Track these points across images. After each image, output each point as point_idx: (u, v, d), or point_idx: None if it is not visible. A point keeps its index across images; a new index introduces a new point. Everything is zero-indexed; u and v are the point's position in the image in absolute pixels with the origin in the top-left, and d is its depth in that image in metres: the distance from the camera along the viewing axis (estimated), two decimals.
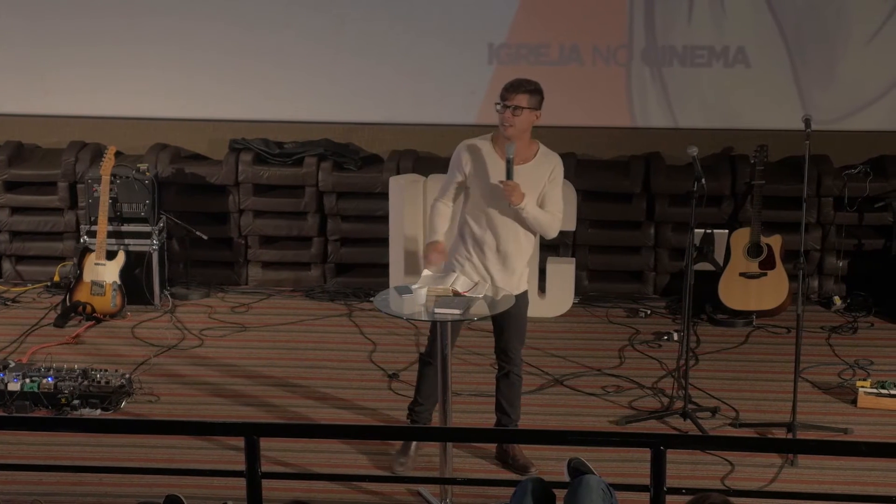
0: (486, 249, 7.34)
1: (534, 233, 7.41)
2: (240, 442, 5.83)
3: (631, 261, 9.90)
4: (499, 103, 7.29)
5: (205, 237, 9.83)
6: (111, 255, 9.52)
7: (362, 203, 9.88)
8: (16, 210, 10.09)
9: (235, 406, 8.26)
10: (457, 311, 6.89)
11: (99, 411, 8.11)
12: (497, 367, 7.59)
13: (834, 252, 9.73)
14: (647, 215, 9.79)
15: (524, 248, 7.42)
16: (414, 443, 7.52)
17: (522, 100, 7.25)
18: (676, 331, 9.08)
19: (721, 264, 9.16)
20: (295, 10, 9.96)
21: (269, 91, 10.08)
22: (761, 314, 9.36)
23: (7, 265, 10.12)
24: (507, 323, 7.42)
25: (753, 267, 9.32)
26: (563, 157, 9.78)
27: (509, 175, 7.21)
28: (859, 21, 9.74)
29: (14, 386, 8.11)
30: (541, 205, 7.33)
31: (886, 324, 9.37)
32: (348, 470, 7.52)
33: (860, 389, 8.24)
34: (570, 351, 8.99)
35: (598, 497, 5.92)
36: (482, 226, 7.34)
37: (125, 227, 9.65)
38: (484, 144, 7.36)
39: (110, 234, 9.54)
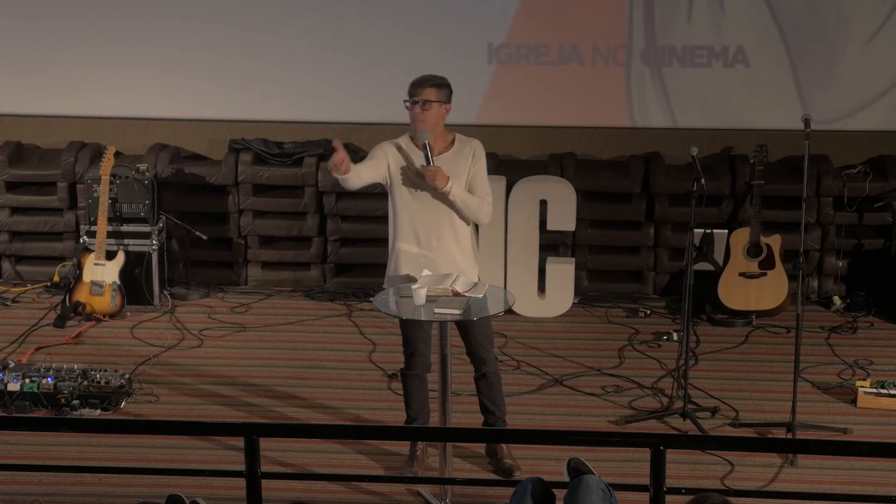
0: (424, 243, 7.30)
1: (466, 221, 7.36)
2: (240, 442, 5.82)
3: (631, 261, 9.90)
4: (407, 100, 7.29)
5: (204, 237, 9.83)
6: (111, 256, 9.52)
7: (362, 203, 9.88)
8: (16, 210, 10.09)
9: (235, 406, 8.27)
10: (456, 311, 6.89)
11: (99, 411, 8.11)
12: (473, 369, 7.53)
13: (833, 252, 9.73)
14: (646, 215, 9.79)
15: (461, 239, 7.37)
16: (419, 451, 7.50)
17: (430, 94, 7.27)
18: (676, 331, 9.08)
19: (721, 264, 9.16)
20: (294, 11, 9.96)
21: (269, 91, 10.09)
22: (761, 314, 9.36)
23: (7, 265, 10.12)
24: (469, 325, 7.34)
25: (753, 267, 9.33)
26: (564, 157, 9.89)
27: (428, 160, 7.20)
28: (859, 21, 9.74)
29: (14, 386, 8.10)
30: (469, 191, 7.30)
31: (886, 324, 9.37)
32: (348, 470, 7.52)
33: (860, 389, 8.24)
34: (570, 351, 8.99)
35: (597, 497, 5.92)
36: (415, 219, 7.29)
37: (125, 228, 9.65)
38: (401, 141, 7.37)
39: (110, 235, 9.54)
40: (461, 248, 7.38)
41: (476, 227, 7.86)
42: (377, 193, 9.74)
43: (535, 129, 10.08)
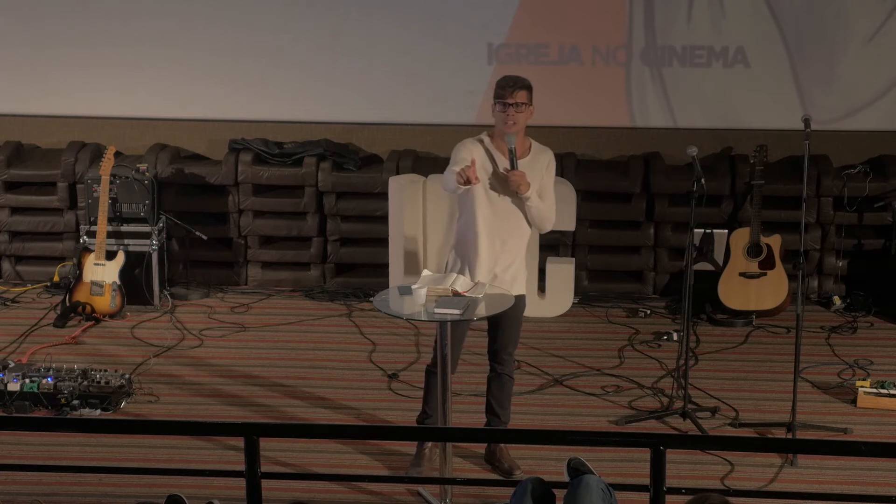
0: (491, 243, 7.30)
1: (530, 227, 7.40)
2: (240, 442, 5.82)
3: (631, 261, 9.90)
4: (497, 102, 7.26)
5: (204, 237, 9.83)
6: (111, 256, 9.52)
7: (362, 203, 9.88)
8: (16, 210, 10.09)
9: (235, 406, 8.27)
10: (457, 311, 6.89)
11: (99, 411, 8.11)
12: (489, 367, 7.55)
13: (833, 252, 9.73)
14: (646, 215, 9.79)
15: (522, 244, 7.43)
16: (427, 449, 7.49)
17: (523, 96, 7.25)
18: (676, 331, 9.08)
19: (721, 264, 9.17)
20: (294, 11, 9.96)
21: (269, 91, 10.09)
22: (761, 314, 9.36)
23: (7, 265, 10.12)
24: (504, 325, 7.39)
25: (753, 267, 9.33)
26: (563, 157, 9.89)
27: (513, 165, 7.20)
28: (859, 21, 9.74)
29: (14, 386, 8.11)
30: (539, 197, 7.34)
31: (886, 324, 9.37)
32: (348, 470, 7.52)
33: (860, 389, 8.24)
34: (570, 351, 8.99)
35: (597, 497, 5.92)
36: (487, 220, 7.30)
37: (125, 228, 9.65)
38: (483, 140, 7.35)
39: (110, 235, 9.54)
40: (521, 253, 7.42)
41: None
42: (377, 193, 9.79)
43: (535, 129, 10.04)
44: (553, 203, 7.40)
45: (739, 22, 9.78)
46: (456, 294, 7.06)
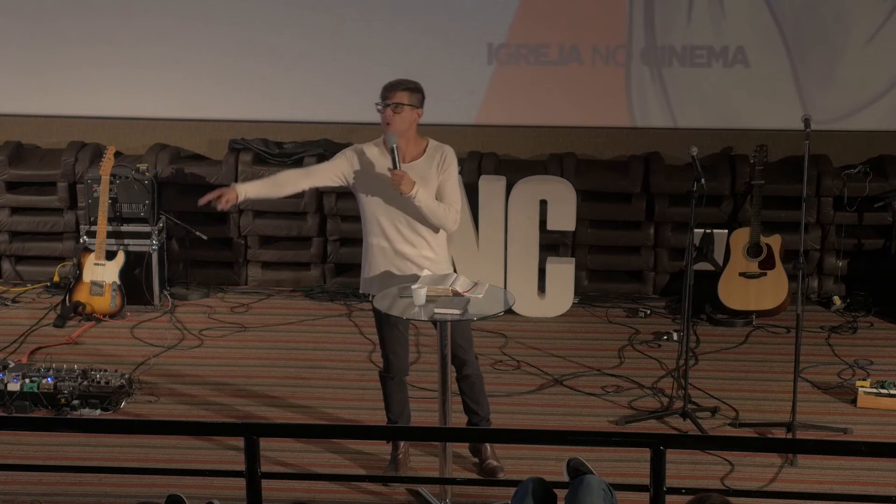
0: (394, 247, 7.30)
1: (433, 228, 7.32)
2: (240, 442, 5.82)
3: (630, 261, 9.90)
4: (378, 103, 7.27)
5: (204, 237, 9.83)
6: (111, 256, 9.52)
7: None
8: (16, 210, 10.09)
9: (235, 406, 8.27)
10: (456, 311, 6.89)
11: (99, 411, 8.11)
12: (455, 370, 7.47)
13: (833, 252, 9.73)
14: (646, 215, 9.79)
15: (432, 244, 7.35)
16: (401, 453, 7.48)
17: (402, 97, 7.23)
18: (676, 331, 9.08)
19: (721, 264, 9.16)
20: (294, 10, 9.96)
21: (269, 91, 10.09)
22: (761, 314, 9.36)
23: (7, 265, 10.12)
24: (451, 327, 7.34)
25: (753, 267, 9.33)
26: (563, 157, 9.88)
27: (395, 164, 7.18)
28: (859, 21, 9.74)
29: (14, 386, 8.11)
30: (439, 198, 7.27)
31: (886, 324, 9.37)
32: (348, 470, 7.52)
33: (860, 389, 8.24)
34: (570, 351, 8.99)
35: (598, 497, 5.92)
36: (383, 225, 7.29)
37: (125, 228, 9.65)
38: (371, 148, 7.35)
39: (110, 235, 9.54)
40: (431, 246, 7.35)
41: None
42: None
43: (535, 129, 10.08)
44: (455, 202, 7.28)
45: (739, 22, 9.78)
46: (456, 294, 7.06)
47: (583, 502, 5.89)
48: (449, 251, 7.52)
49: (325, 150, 9.89)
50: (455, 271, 7.49)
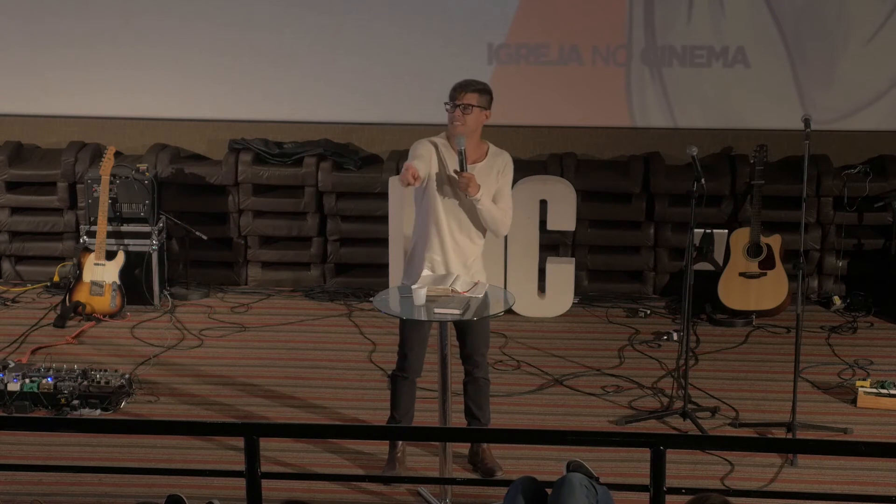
0: (444, 243, 7.30)
1: (484, 231, 7.36)
2: (240, 442, 5.83)
3: (631, 261, 9.90)
4: (448, 103, 7.27)
5: (204, 237, 9.83)
6: (111, 256, 9.52)
7: (362, 203, 9.88)
8: (16, 210, 10.09)
9: (235, 406, 8.27)
10: (456, 311, 6.89)
11: (99, 411, 8.11)
12: (464, 371, 7.50)
13: (833, 252, 9.73)
14: (646, 215, 9.79)
15: (477, 246, 7.40)
16: (399, 452, 7.48)
17: (472, 98, 7.23)
18: (676, 331, 9.08)
19: (721, 264, 9.15)
20: (294, 10, 9.96)
21: (269, 91, 10.08)
22: (761, 314, 9.36)
23: (7, 265, 10.12)
24: (469, 327, 7.35)
25: (753, 267, 9.33)
26: (563, 157, 9.89)
27: (463, 166, 7.19)
28: (859, 21, 9.74)
29: (14, 386, 8.11)
30: (494, 202, 7.31)
31: (886, 324, 9.37)
32: (348, 470, 7.52)
33: (860, 389, 8.24)
34: (570, 351, 8.99)
35: (580, 494, 5.92)
36: (441, 219, 7.28)
37: (125, 228, 9.65)
38: (439, 140, 7.35)
39: (110, 235, 9.54)
40: (475, 254, 7.40)
41: None
42: (377, 193, 9.79)
43: (535, 129, 10.07)
44: (509, 208, 7.35)
45: (739, 22, 9.78)
46: (456, 294, 7.06)
47: (565, 500, 5.88)
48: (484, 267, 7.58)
49: (325, 150, 9.89)
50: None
